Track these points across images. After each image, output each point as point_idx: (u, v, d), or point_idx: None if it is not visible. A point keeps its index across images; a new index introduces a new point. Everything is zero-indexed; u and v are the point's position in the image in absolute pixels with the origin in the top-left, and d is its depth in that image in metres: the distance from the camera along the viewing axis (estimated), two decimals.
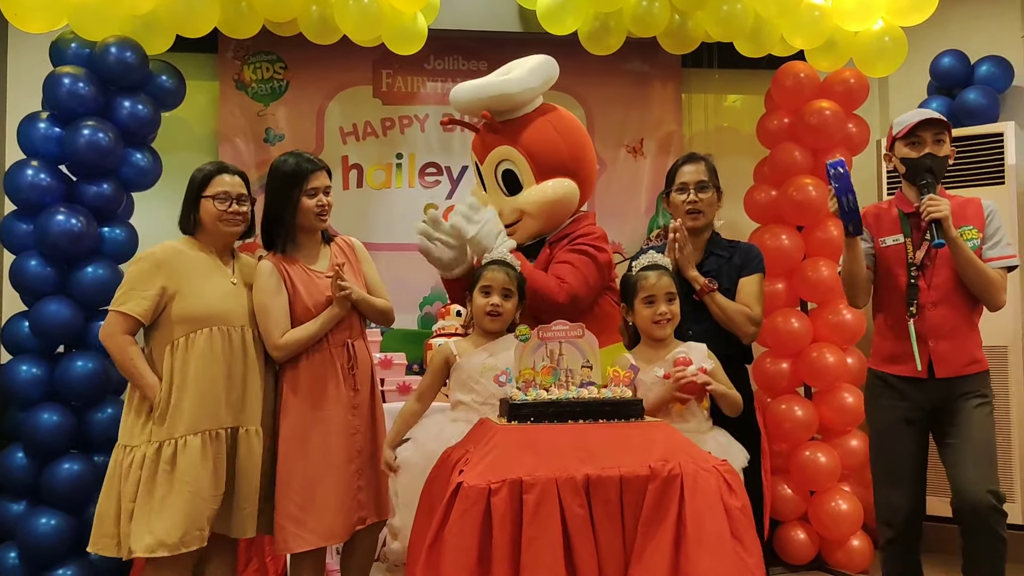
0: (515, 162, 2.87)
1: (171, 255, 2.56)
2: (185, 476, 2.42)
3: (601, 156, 4.36)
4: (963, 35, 4.25)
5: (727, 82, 4.55)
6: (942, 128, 2.64)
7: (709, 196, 2.83)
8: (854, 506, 3.73)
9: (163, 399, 2.47)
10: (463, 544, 1.87)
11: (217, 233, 2.60)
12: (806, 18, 3.74)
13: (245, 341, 2.58)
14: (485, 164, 2.93)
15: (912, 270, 2.65)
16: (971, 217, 2.66)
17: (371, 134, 4.25)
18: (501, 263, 2.59)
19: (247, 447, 2.55)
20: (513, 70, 2.97)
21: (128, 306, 2.49)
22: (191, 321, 2.51)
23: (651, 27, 3.71)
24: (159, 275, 2.51)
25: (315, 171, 2.66)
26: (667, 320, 2.49)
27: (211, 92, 4.13)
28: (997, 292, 2.61)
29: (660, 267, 2.55)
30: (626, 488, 1.95)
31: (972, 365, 2.64)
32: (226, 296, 2.58)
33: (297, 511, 2.56)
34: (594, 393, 2.18)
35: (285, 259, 2.67)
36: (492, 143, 2.90)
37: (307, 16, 3.56)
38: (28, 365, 3.29)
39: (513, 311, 2.57)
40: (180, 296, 2.52)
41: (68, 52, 3.45)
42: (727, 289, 2.78)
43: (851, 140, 4.01)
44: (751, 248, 2.93)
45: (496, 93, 2.85)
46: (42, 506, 3.26)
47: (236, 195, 2.59)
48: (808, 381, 3.90)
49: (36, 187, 3.30)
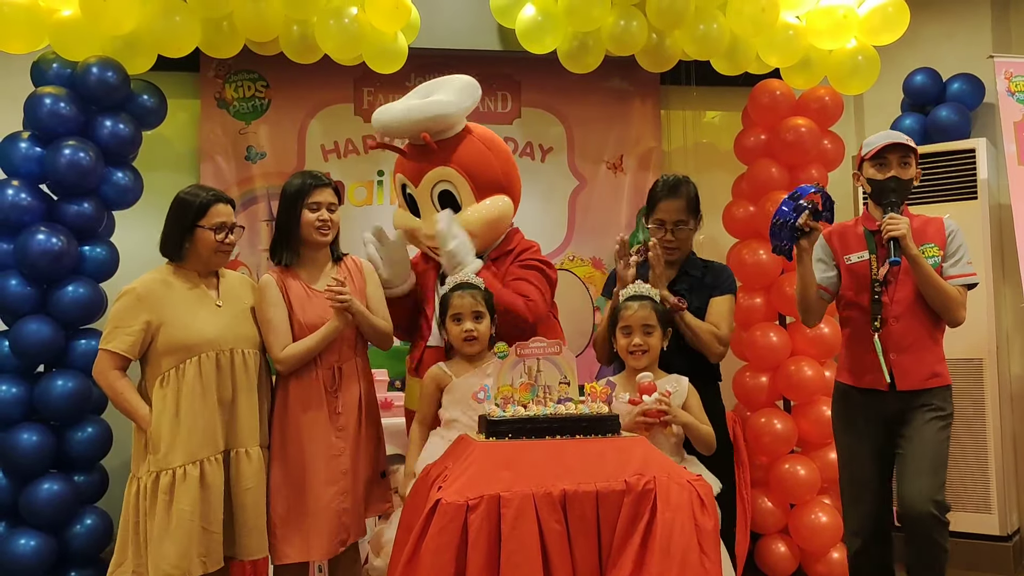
0: (453, 182, 2.88)
1: (152, 287, 2.55)
2: (182, 504, 2.43)
3: (581, 172, 4.41)
4: (935, 53, 4.34)
5: (705, 99, 4.61)
6: (908, 151, 2.71)
7: (687, 233, 2.90)
8: (834, 519, 3.76)
9: (155, 431, 2.47)
10: (440, 561, 1.89)
11: (209, 262, 2.61)
12: (781, 37, 3.81)
13: (234, 363, 2.58)
14: (420, 186, 2.91)
15: (876, 286, 2.71)
16: (932, 235, 2.74)
17: (352, 152, 4.27)
18: (465, 286, 2.64)
19: (236, 469, 2.55)
20: (437, 91, 2.97)
21: (113, 344, 2.50)
22: (179, 351, 2.51)
23: (629, 46, 3.76)
24: (142, 310, 2.51)
25: (319, 186, 2.70)
26: (642, 352, 2.55)
27: (192, 110, 4.14)
28: (956, 308, 2.67)
29: (644, 298, 2.61)
30: (602, 503, 1.98)
31: (933, 379, 2.70)
32: (212, 321, 2.57)
33: (278, 525, 2.60)
34: (571, 409, 2.21)
35: (287, 273, 2.71)
36: (427, 164, 2.89)
37: (288, 35, 3.59)
38: (8, 384, 3.27)
39: (488, 330, 2.62)
40: (165, 328, 2.51)
41: (49, 72, 3.46)
42: (697, 308, 2.84)
43: (826, 156, 4.06)
44: (723, 269, 3.00)
45: (435, 114, 2.85)
46: (22, 527, 3.24)
47: (231, 225, 2.61)
48: (787, 395, 3.93)
49: (16, 206, 3.30)
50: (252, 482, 2.55)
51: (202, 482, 2.46)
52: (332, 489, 2.63)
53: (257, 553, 2.56)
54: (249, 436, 2.58)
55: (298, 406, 2.64)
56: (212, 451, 2.50)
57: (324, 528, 2.60)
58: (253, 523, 2.54)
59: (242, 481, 2.54)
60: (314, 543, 2.60)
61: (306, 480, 2.61)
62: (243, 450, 2.56)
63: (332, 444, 2.65)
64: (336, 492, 2.63)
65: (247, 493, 2.54)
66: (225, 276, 2.71)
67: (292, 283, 2.69)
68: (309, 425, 2.64)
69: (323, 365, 2.67)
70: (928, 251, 2.69)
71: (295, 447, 2.63)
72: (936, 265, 2.68)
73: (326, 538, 2.61)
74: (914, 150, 2.73)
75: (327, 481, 2.62)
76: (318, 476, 2.62)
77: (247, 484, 2.54)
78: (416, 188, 2.92)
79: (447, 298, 2.64)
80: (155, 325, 2.52)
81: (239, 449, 2.56)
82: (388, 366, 3.82)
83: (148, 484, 2.45)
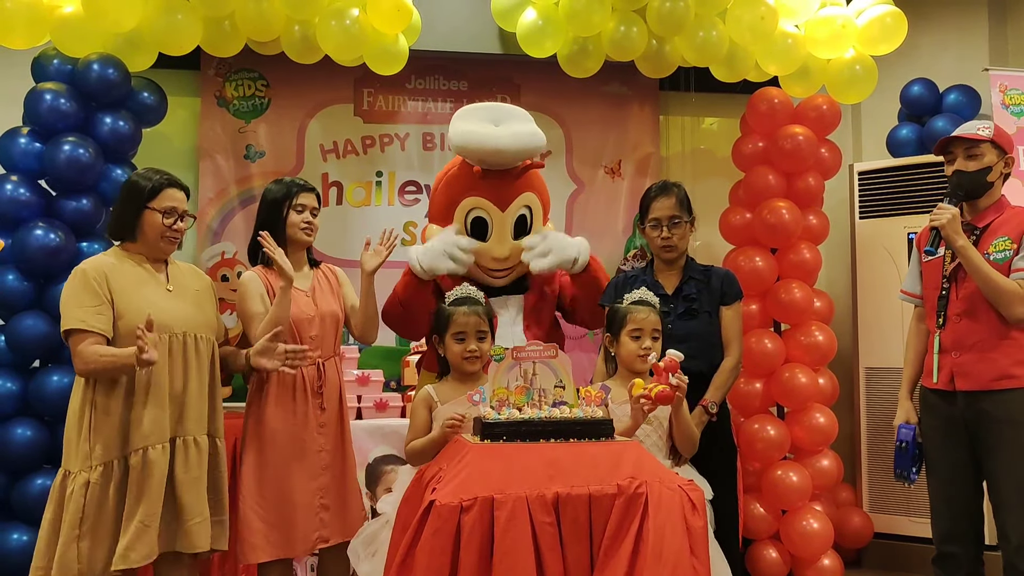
0: (532, 206, 3.10)
1: (101, 270, 2.45)
2: (132, 493, 2.35)
3: (579, 176, 4.43)
4: (932, 64, 4.36)
5: (704, 105, 4.63)
6: (974, 143, 2.62)
7: (682, 230, 2.92)
8: (825, 525, 3.78)
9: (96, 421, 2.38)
10: (434, 562, 1.90)
11: (155, 247, 2.53)
12: (779, 45, 3.83)
13: (186, 347, 2.49)
14: (508, 210, 3.04)
15: (944, 282, 2.65)
16: (1011, 229, 2.60)
17: (351, 152, 4.28)
18: (470, 301, 2.59)
19: (184, 457, 2.44)
20: (510, 121, 3.08)
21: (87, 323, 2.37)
22: (129, 335, 2.36)
23: (629, 51, 3.78)
24: (98, 288, 2.42)
25: (305, 191, 2.79)
26: (649, 355, 2.56)
27: (192, 108, 4.15)
28: (1011, 303, 2.52)
29: (650, 304, 2.64)
30: (594, 506, 1.99)
31: (1002, 380, 2.54)
32: (163, 305, 2.47)
33: (255, 521, 2.58)
34: (566, 413, 2.22)
35: (269, 272, 2.74)
36: (514, 191, 3.07)
37: (289, 35, 3.60)
38: (3, 379, 3.28)
39: (488, 350, 2.58)
40: (115, 309, 2.43)
41: (50, 68, 3.47)
42: (708, 312, 2.88)
43: (823, 164, 4.09)
44: (727, 274, 3.01)
45: (539, 145, 3.10)
46: (14, 522, 3.24)
47: (182, 212, 2.55)
48: (780, 401, 3.95)
49: (15, 202, 3.30)
50: (198, 471, 2.45)
51: (144, 472, 2.35)
52: (312, 485, 2.64)
53: (200, 546, 2.42)
54: (197, 424, 2.48)
55: (280, 400, 2.65)
56: (159, 439, 2.39)
57: (301, 524, 2.61)
58: (197, 514, 2.42)
59: (189, 470, 2.43)
60: (291, 538, 2.60)
61: (285, 475, 2.61)
62: (191, 438, 2.46)
63: (314, 440, 2.66)
64: (316, 488, 2.64)
65: (194, 482, 2.43)
66: (174, 263, 2.64)
67: (274, 280, 2.71)
68: (292, 419, 2.64)
69: (308, 361, 2.67)
70: (1000, 244, 2.58)
71: (274, 441, 2.62)
72: (1006, 259, 2.55)
73: (302, 533, 2.60)
74: (987, 139, 2.62)
75: (308, 477, 2.63)
76: (300, 472, 2.62)
77: (194, 473, 2.44)
78: (503, 213, 3.04)
79: (450, 314, 2.57)
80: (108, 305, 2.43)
81: (186, 437, 2.45)
82: (384, 367, 3.83)
83: (94, 478, 2.34)
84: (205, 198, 4.05)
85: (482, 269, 3.06)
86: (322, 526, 2.64)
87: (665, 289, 2.94)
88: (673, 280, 2.96)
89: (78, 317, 2.40)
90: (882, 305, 4.06)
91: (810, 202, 4.06)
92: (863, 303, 4.22)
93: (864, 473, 4.17)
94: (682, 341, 2.77)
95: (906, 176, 4.11)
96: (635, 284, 2.89)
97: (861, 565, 4.19)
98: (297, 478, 2.62)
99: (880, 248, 4.15)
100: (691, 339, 2.80)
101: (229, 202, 4.13)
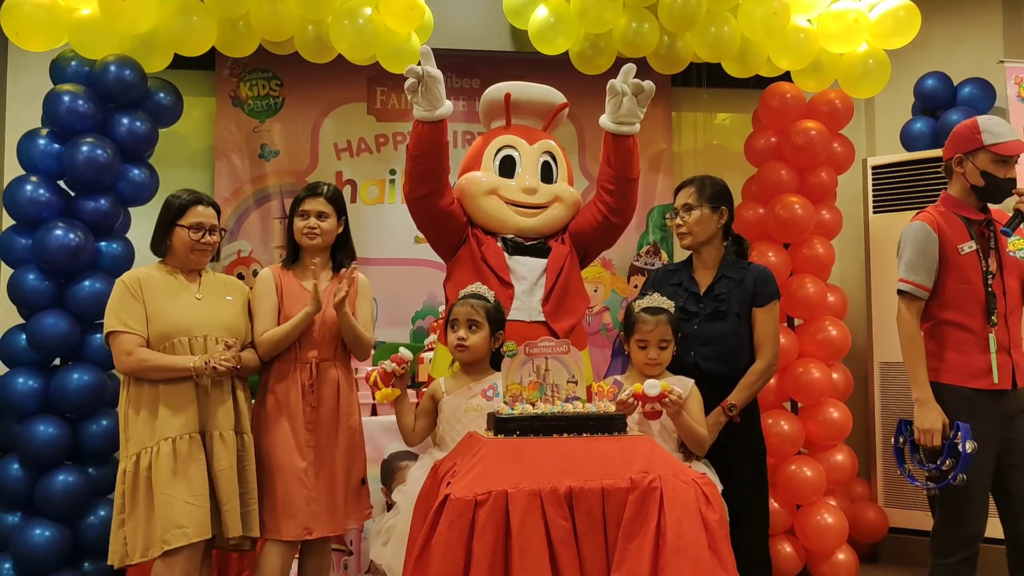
0: (556, 156, 3.25)
1: (137, 279, 2.67)
2: (159, 479, 2.51)
3: (592, 173, 4.43)
4: (946, 57, 4.34)
5: (716, 101, 4.63)
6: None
7: (696, 216, 2.90)
8: (840, 520, 3.78)
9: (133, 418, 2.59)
10: (449, 556, 1.92)
11: (186, 260, 2.72)
12: (792, 40, 3.82)
13: (207, 349, 2.64)
14: (534, 146, 3.19)
15: (988, 278, 2.60)
16: None
17: (365, 150, 4.31)
18: (473, 296, 2.68)
19: (212, 451, 2.62)
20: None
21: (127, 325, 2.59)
22: (159, 339, 2.62)
23: (640, 48, 3.79)
24: (133, 296, 2.63)
25: (307, 197, 2.87)
26: (656, 364, 2.63)
27: (207, 108, 4.19)
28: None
29: (661, 311, 2.64)
30: (608, 500, 2.01)
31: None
32: (190, 309, 2.67)
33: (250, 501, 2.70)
34: (579, 408, 2.24)
35: (287, 271, 2.88)
36: (542, 133, 3.30)
37: (303, 35, 3.63)
38: (25, 377, 3.33)
39: (483, 343, 2.62)
40: (149, 319, 2.63)
41: (68, 70, 3.51)
42: (737, 314, 2.83)
43: (836, 159, 4.08)
44: (763, 273, 2.91)
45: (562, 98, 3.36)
46: (37, 517, 3.29)
47: (209, 226, 2.72)
48: (794, 396, 3.95)
49: (35, 202, 3.35)
50: (225, 463, 2.62)
51: (177, 457, 2.54)
52: (292, 478, 2.71)
53: (232, 532, 2.60)
54: (224, 420, 2.65)
55: (277, 395, 2.76)
56: (185, 430, 2.57)
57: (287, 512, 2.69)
58: (227, 502, 2.60)
59: (216, 462, 2.61)
60: (281, 523, 2.69)
61: (274, 466, 2.72)
62: (217, 433, 2.63)
63: (300, 435, 2.73)
64: (297, 482, 2.70)
65: (221, 474, 2.61)
66: (209, 274, 2.82)
67: (289, 280, 2.85)
68: (285, 414, 2.74)
69: (302, 359, 2.77)
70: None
71: (267, 433, 2.74)
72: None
73: (288, 520, 2.69)
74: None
75: (291, 469, 2.71)
76: (287, 464, 2.71)
77: (220, 465, 2.61)
78: (530, 146, 3.19)
79: (452, 306, 2.71)
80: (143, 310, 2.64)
81: (214, 432, 2.63)
82: None
83: (128, 467, 2.55)
84: (221, 197, 4.09)
85: (511, 205, 3.09)
86: (310, 518, 2.71)
87: (699, 287, 2.90)
88: (707, 278, 2.90)
89: (120, 319, 2.62)
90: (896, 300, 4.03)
91: (823, 197, 4.05)
92: (877, 298, 4.20)
93: (879, 468, 4.16)
94: (706, 344, 2.80)
95: (920, 170, 4.09)
96: (671, 279, 2.93)
97: (877, 560, 4.19)
98: (282, 468, 2.72)
99: (894, 243, 4.06)
100: (714, 342, 2.80)
101: (244, 201, 4.17)
